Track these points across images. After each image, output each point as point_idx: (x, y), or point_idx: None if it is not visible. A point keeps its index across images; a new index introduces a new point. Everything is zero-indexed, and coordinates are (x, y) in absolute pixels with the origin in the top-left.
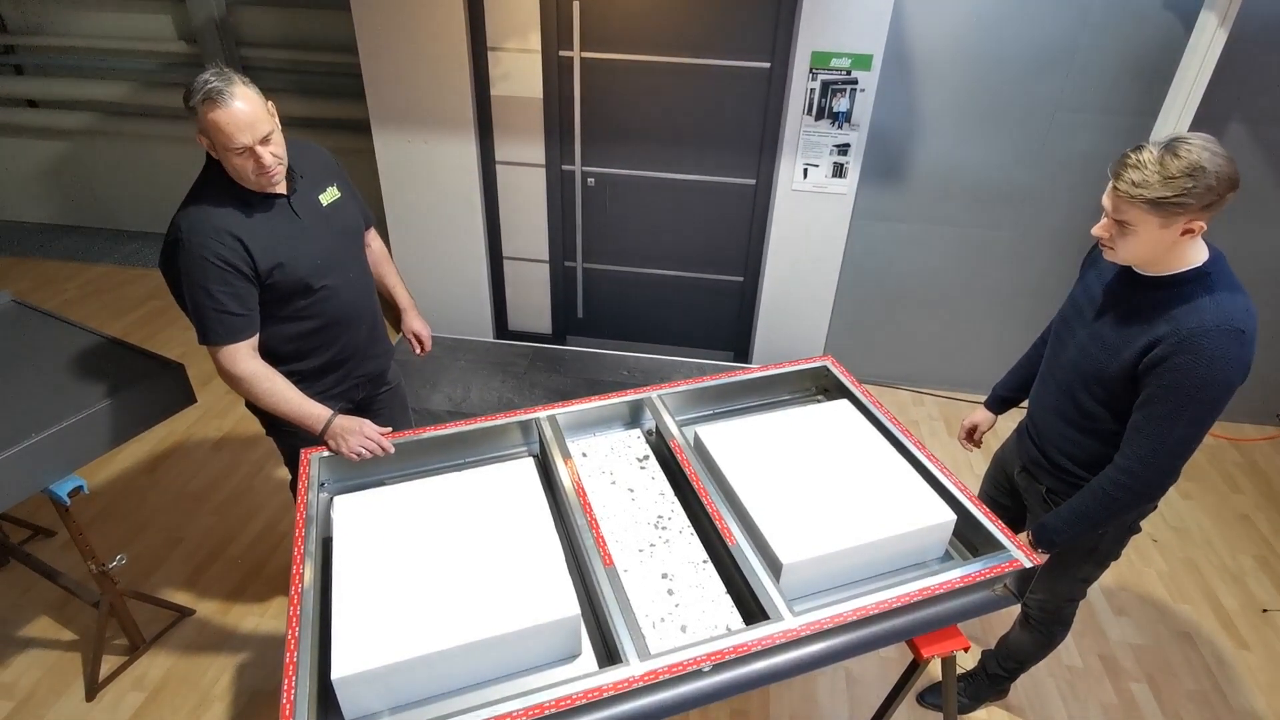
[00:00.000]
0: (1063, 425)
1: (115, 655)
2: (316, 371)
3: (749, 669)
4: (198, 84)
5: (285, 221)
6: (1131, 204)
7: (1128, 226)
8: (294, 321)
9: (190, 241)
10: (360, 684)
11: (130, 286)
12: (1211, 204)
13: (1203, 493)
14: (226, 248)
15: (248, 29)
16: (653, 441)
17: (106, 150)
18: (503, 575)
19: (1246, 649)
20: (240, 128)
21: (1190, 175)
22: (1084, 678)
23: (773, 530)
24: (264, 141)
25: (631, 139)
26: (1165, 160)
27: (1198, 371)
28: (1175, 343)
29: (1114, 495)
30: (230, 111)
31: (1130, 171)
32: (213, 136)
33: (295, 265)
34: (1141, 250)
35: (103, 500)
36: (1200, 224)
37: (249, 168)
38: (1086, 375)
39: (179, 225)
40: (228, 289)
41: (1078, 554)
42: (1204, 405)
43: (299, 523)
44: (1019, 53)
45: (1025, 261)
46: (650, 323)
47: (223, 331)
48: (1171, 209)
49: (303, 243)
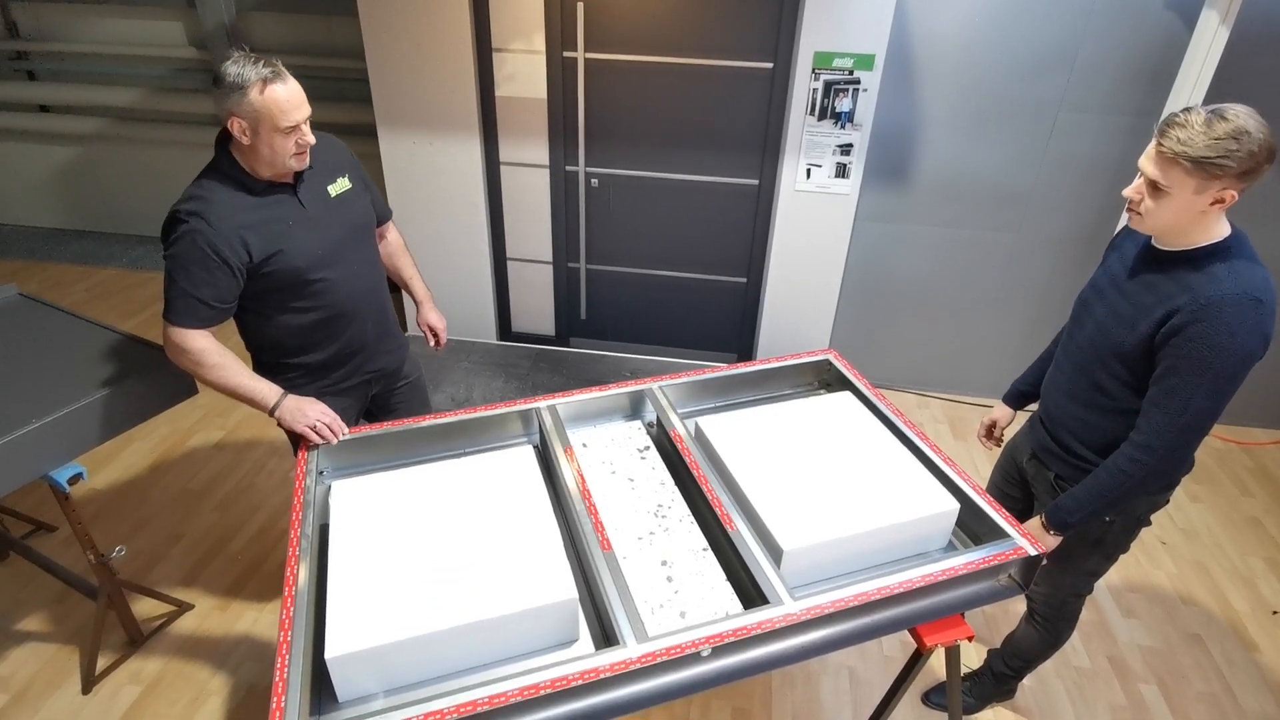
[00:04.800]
0: (1076, 406)
1: (113, 650)
2: (323, 366)
3: (749, 655)
4: (243, 68)
5: (289, 211)
6: (1173, 163)
7: (1162, 190)
8: (296, 313)
9: (192, 223)
10: (354, 664)
11: (138, 289)
12: (1249, 171)
13: (1212, 496)
14: (223, 239)
15: (257, 35)
16: (653, 433)
17: (116, 155)
18: (500, 559)
19: (1258, 651)
20: (295, 105)
21: (1235, 138)
22: (1092, 679)
23: (773, 517)
24: (307, 121)
25: (635, 140)
26: (1212, 122)
27: (1215, 340)
28: (1192, 311)
29: (1129, 471)
30: (289, 89)
31: (1177, 130)
32: (265, 113)
33: (293, 255)
34: (1170, 216)
35: (104, 497)
36: (1232, 194)
37: (289, 147)
38: (1104, 352)
39: (180, 205)
40: (208, 277)
41: (1084, 545)
42: (1221, 376)
43: (296, 507)
44: (1021, 53)
45: (1029, 263)
46: (653, 324)
47: (188, 313)
48: (1211, 170)
49: (304, 233)
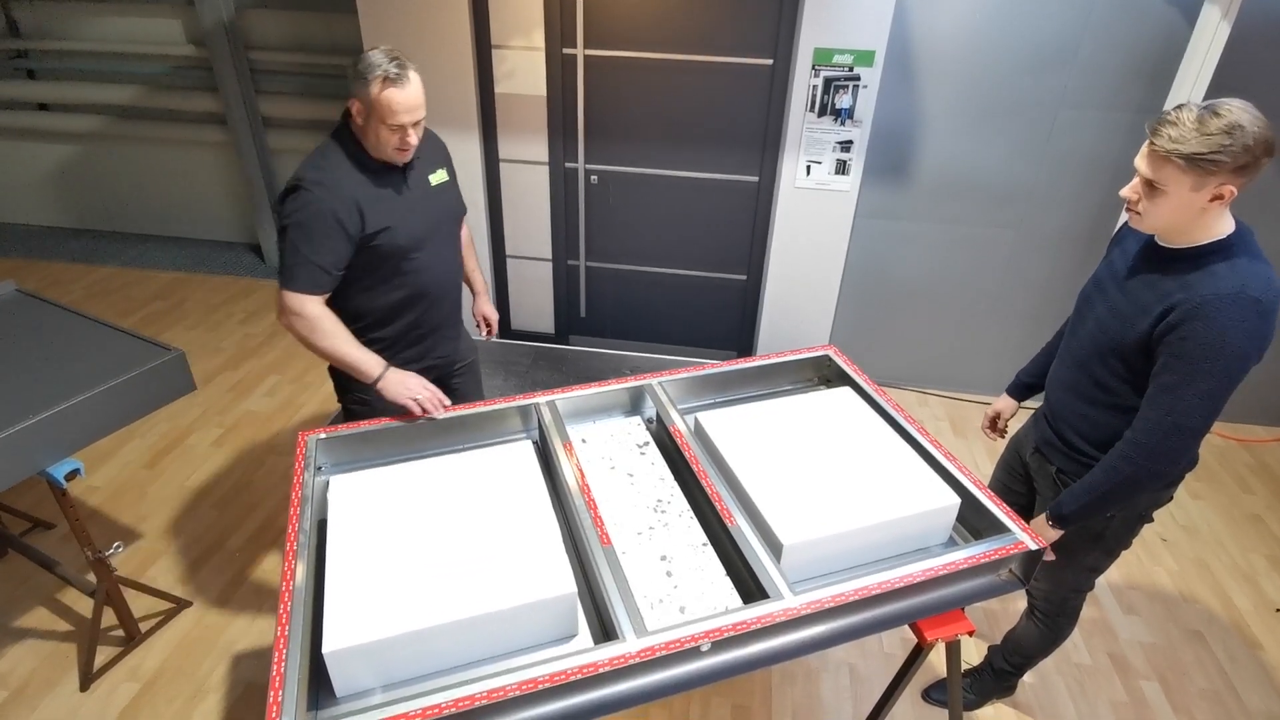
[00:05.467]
0: (1078, 402)
1: (111, 646)
2: (395, 342)
3: (749, 649)
4: (377, 60)
5: (397, 190)
6: (1166, 161)
7: (1158, 188)
8: (385, 289)
9: (311, 191)
10: (352, 659)
11: (136, 287)
12: (1245, 166)
13: (1213, 493)
14: (345, 208)
15: (256, 33)
16: (653, 429)
17: (115, 153)
18: (499, 554)
19: (1261, 649)
20: (407, 109)
21: (1228, 133)
22: (1093, 676)
23: (773, 512)
24: (415, 125)
25: (635, 136)
26: (1204, 118)
27: (1207, 339)
28: (1188, 309)
29: (1121, 468)
30: (405, 93)
31: (1168, 128)
32: (376, 108)
33: (399, 231)
34: (1169, 215)
35: (102, 494)
36: (1230, 189)
37: (393, 142)
38: (1103, 348)
39: (303, 175)
40: (329, 243)
41: (1083, 540)
42: (1213, 375)
43: (294, 502)
44: (1022, 49)
45: (1030, 260)
46: (653, 322)
47: (308, 280)
48: (1206, 166)
49: (409, 212)
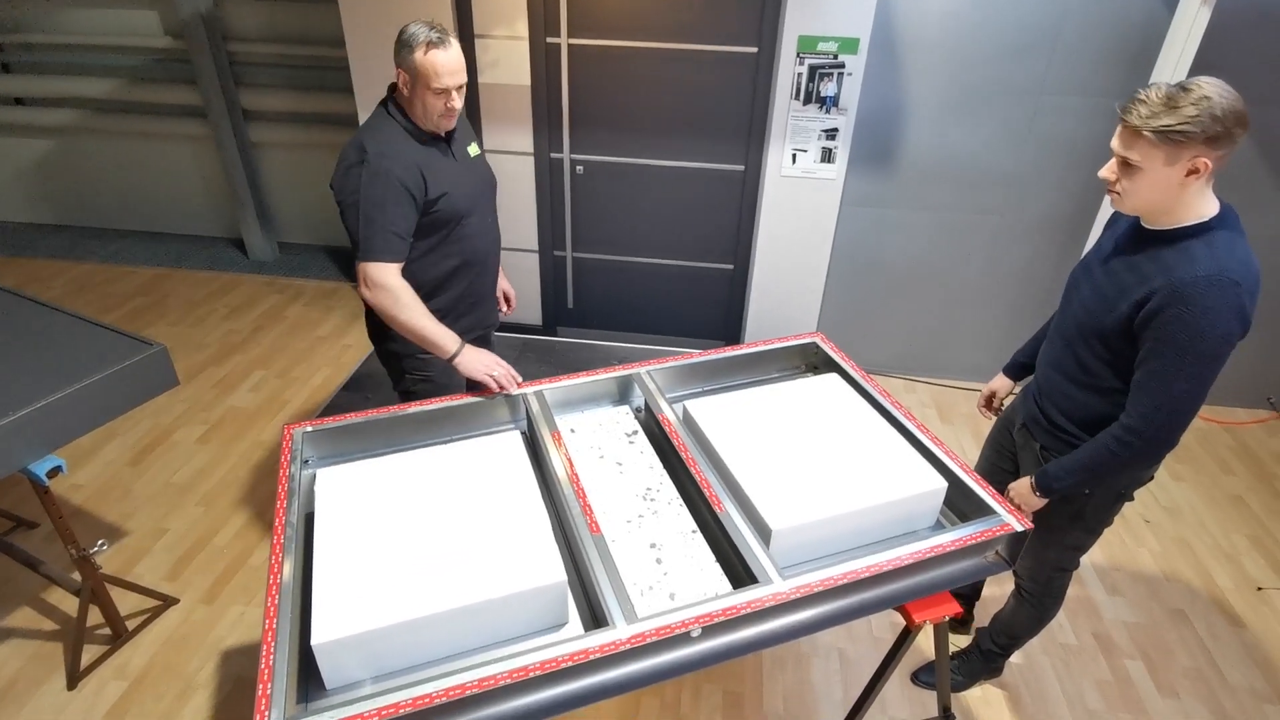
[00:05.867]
0: (1063, 382)
1: (97, 645)
2: (449, 311)
3: (739, 634)
4: (417, 29)
5: (446, 158)
6: (1138, 137)
7: (1134, 165)
8: (440, 256)
9: (379, 163)
10: (341, 651)
11: (116, 284)
12: (1217, 137)
13: (1195, 475)
14: (410, 174)
15: (235, 23)
16: (641, 418)
17: (93, 148)
18: (488, 544)
19: (1242, 626)
20: (452, 71)
21: (1195, 105)
22: (1079, 655)
23: (762, 498)
24: (458, 89)
25: (620, 126)
26: (1173, 94)
27: (1191, 324)
28: (1168, 294)
29: (1115, 451)
30: (448, 54)
31: (1139, 106)
32: (422, 73)
33: (455, 196)
34: (1147, 192)
35: (86, 492)
36: (1205, 161)
37: (439, 107)
38: (1087, 330)
39: (365, 148)
40: (401, 210)
41: (1064, 518)
42: (1201, 359)
43: (280, 495)
44: (1003, 36)
45: (1013, 246)
46: (641, 312)
47: (386, 249)
48: (1176, 139)
49: (460, 179)
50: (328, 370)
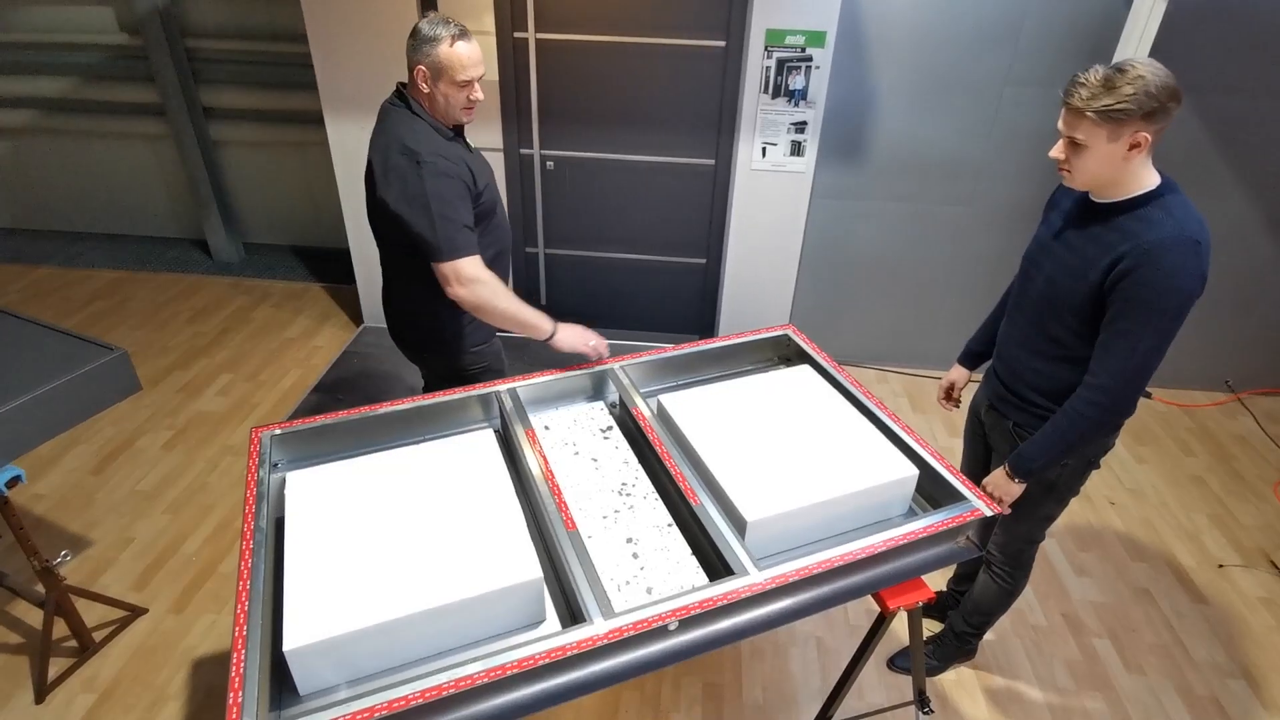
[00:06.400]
0: (1032, 358)
1: (65, 657)
2: None
3: (716, 626)
4: (436, 23)
5: (469, 153)
6: (1081, 118)
7: (1080, 144)
8: (480, 246)
9: (439, 163)
10: (314, 656)
11: (75, 288)
12: (1153, 112)
13: (1157, 457)
14: (464, 171)
15: (193, 19)
16: (616, 413)
17: (48, 149)
18: (462, 543)
19: (1205, 603)
20: (475, 62)
21: (1131, 84)
22: (1048, 635)
23: (737, 490)
24: (480, 80)
25: (590, 121)
26: (1110, 75)
27: (1158, 283)
28: (1137, 256)
29: (1087, 414)
30: (472, 47)
31: (1079, 88)
32: (448, 65)
33: (491, 189)
34: (1095, 168)
35: (48, 502)
36: (1145, 136)
37: (462, 99)
38: (1056, 303)
39: (412, 150)
40: (466, 205)
41: (1038, 491)
42: (1166, 316)
43: (249, 499)
44: (967, 27)
45: (980, 235)
46: (614, 307)
47: (469, 244)
48: (1117, 117)
49: (483, 172)
50: (298, 372)
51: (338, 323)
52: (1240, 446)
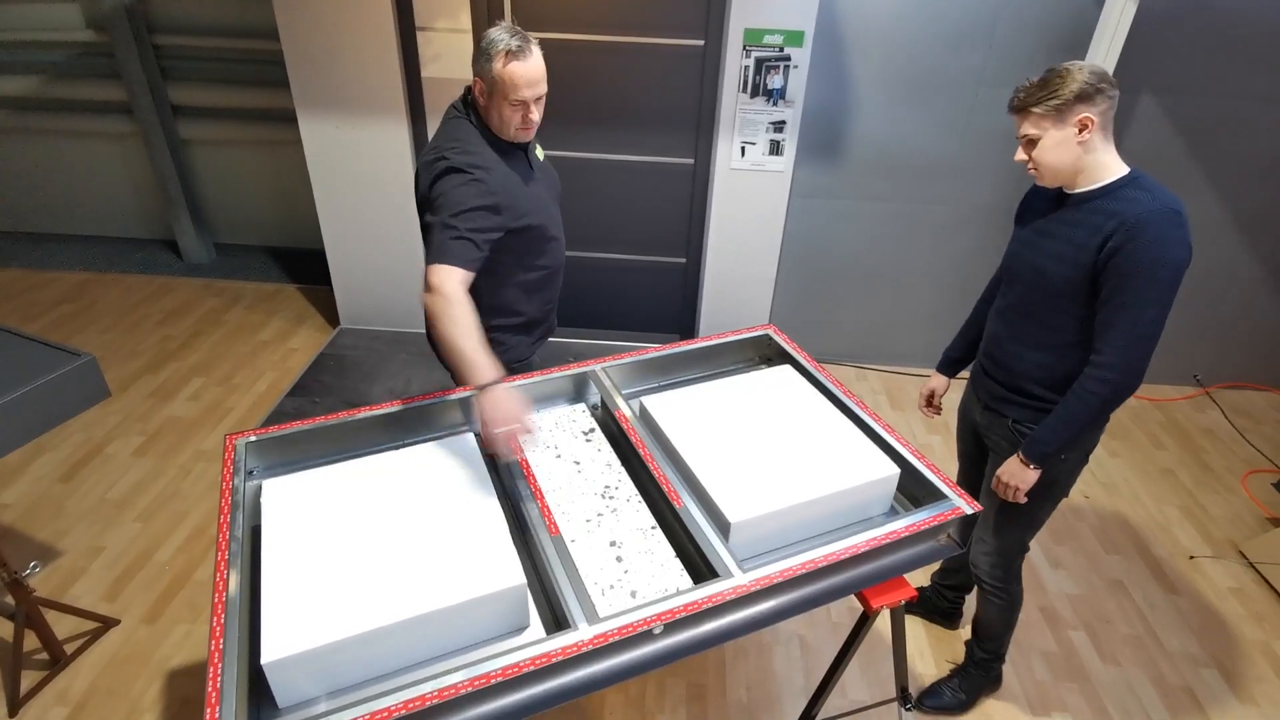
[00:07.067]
0: (1033, 352)
1: (37, 670)
2: (535, 321)
3: (701, 629)
4: (498, 35)
5: (525, 175)
6: (1026, 115)
7: (1034, 139)
8: (531, 271)
9: (469, 172)
10: (293, 668)
11: (42, 290)
12: (1090, 94)
13: (1129, 451)
14: (501, 190)
15: (161, 15)
16: (598, 415)
17: (12, 148)
18: (443, 550)
19: (1177, 594)
20: (529, 83)
21: (1060, 76)
22: (1026, 629)
23: (720, 491)
24: (537, 100)
25: (568, 121)
26: (1045, 76)
27: (1150, 254)
28: (1125, 232)
29: (1099, 392)
30: (527, 66)
31: (1018, 93)
32: (499, 84)
33: (538, 215)
34: (1054, 157)
35: (14, 512)
36: (1089, 117)
37: (516, 120)
38: (1052, 293)
39: (451, 158)
40: (484, 219)
41: (1040, 489)
42: (1162, 285)
43: (223, 509)
44: (942, 28)
45: (956, 234)
46: (594, 308)
47: (454, 255)
48: (1053, 104)
49: (540, 196)
50: (272, 375)
51: (314, 325)
52: (1209, 439)
